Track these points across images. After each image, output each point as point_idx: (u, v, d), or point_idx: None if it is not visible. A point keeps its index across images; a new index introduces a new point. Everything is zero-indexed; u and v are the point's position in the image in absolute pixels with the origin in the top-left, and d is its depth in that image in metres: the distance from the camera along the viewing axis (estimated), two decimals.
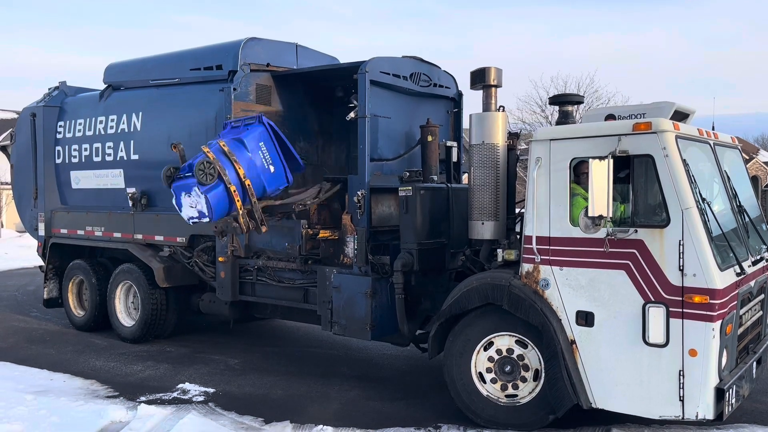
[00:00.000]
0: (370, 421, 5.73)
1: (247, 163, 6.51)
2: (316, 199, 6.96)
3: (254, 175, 6.57)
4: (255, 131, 6.62)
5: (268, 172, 6.65)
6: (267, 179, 6.67)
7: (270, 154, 6.66)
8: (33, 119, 9.75)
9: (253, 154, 6.54)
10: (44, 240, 9.84)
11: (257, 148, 6.60)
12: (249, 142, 6.55)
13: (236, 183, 6.44)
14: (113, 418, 5.67)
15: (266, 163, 6.64)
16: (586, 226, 4.94)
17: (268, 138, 6.67)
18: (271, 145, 6.67)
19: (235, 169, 6.41)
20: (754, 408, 5.90)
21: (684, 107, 5.66)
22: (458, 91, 8.08)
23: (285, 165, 6.77)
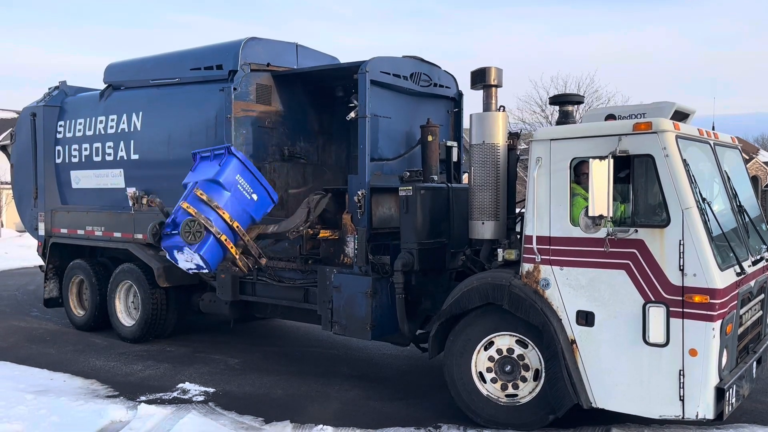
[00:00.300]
0: (371, 420, 5.73)
1: (230, 203, 6.40)
2: (307, 223, 6.72)
3: (239, 211, 6.48)
4: (228, 166, 6.41)
5: (252, 202, 6.54)
6: (253, 209, 6.57)
7: (249, 183, 6.51)
8: (33, 119, 9.75)
9: (232, 191, 6.42)
10: (44, 240, 9.85)
11: (235, 182, 6.44)
12: (225, 180, 6.39)
13: (225, 230, 6.36)
14: (113, 418, 5.68)
15: (248, 195, 6.51)
16: (587, 225, 4.94)
17: (242, 167, 6.50)
18: (247, 173, 6.51)
19: (220, 216, 6.32)
20: (754, 408, 5.91)
21: (684, 107, 5.66)
22: (458, 91, 8.09)
23: (266, 187, 6.65)
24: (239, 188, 6.45)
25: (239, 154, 6.51)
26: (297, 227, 6.71)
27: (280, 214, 7.59)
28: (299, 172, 7.93)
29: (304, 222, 6.68)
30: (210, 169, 6.45)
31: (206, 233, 6.27)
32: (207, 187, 6.38)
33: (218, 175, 6.35)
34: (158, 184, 8.36)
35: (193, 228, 6.22)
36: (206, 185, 6.38)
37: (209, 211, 6.35)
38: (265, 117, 7.74)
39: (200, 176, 6.48)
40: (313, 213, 6.71)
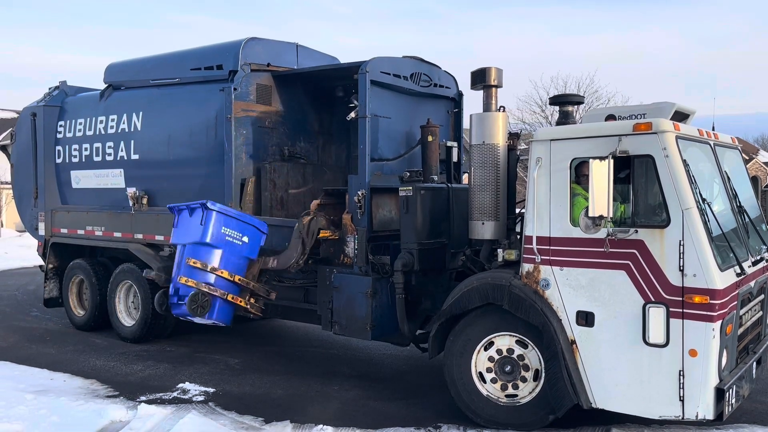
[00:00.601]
0: (370, 420, 5.73)
1: (225, 259, 6.40)
2: (305, 256, 6.65)
3: (237, 262, 6.52)
4: (210, 222, 6.36)
5: (245, 246, 6.54)
6: (248, 252, 6.60)
7: (236, 229, 6.49)
8: (33, 119, 9.75)
9: (224, 247, 6.42)
10: (44, 239, 9.85)
11: (223, 236, 6.42)
12: (213, 238, 6.37)
13: (228, 287, 6.46)
14: (113, 418, 5.67)
15: (239, 241, 6.51)
16: (587, 226, 4.94)
17: (224, 217, 6.46)
18: (230, 221, 6.48)
19: (220, 276, 6.36)
20: (754, 408, 5.91)
21: (684, 107, 5.66)
22: (458, 91, 8.09)
23: (252, 223, 6.64)
24: (229, 240, 6.44)
25: (216, 206, 6.45)
26: (297, 261, 6.64)
27: (280, 214, 7.60)
28: (299, 172, 7.93)
29: (301, 255, 6.61)
30: (194, 229, 6.39)
31: (212, 299, 6.37)
32: (197, 251, 6.39)
33: (204, 236, 6.33)
34: (158, 185, 8.37)
35: (199, 301, 6.31)
36: (196, 250, 6.39)
37: (208, 275, 6.40)
38: (266, 117, 7.74)
39: (186, 237, 6.46)
40: (307, 241, 6.61)
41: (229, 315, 6.67)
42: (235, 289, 6.56)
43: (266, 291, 6.78)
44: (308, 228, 6.61)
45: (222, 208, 6.51)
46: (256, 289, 6.69)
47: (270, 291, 6.80)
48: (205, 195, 7.81)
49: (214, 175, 7.64)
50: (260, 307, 6.79)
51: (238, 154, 7.45)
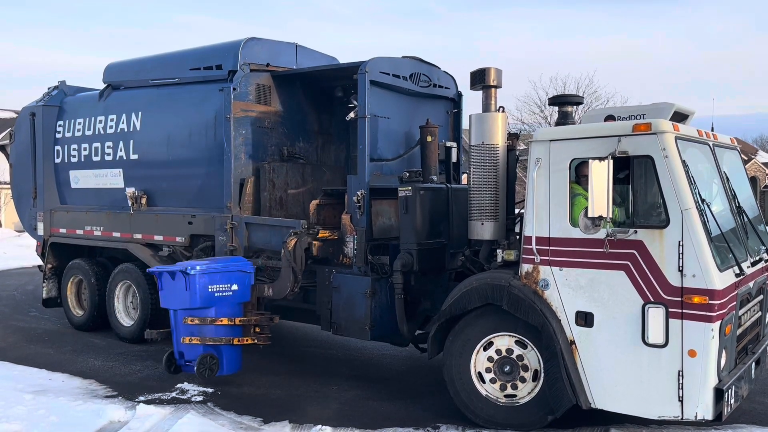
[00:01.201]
0: (369, 421, 5.73)
1: (220, 310, 6.38)
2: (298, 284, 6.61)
3: (233, 308, 6.46)
4: (195, 286, 6.27)
5: (235, 293, 6.47)
6: (240, 296, 6.53)
7: (223, 281, 6.40)
8: (32, 119, 9.74)
9: (215, 303, 6.36)
10: (43, 239, 9.84)
11: (211, 294, 6.34)
12: (203, 300, 6.31)
13: (231, 332, 6.44)
14: (112, 418, 5.67)
15: (228, 291, 6.43)
16: (586, 226, 4.94)
17: (207, 276, 6.33)
18: (215, 276, 6.37)
19: (220, 325, 6.37)
20: (753, 408, 5.91)
21: (683, 108, 5.66)
22: (458, 91, 8.09)
23: (237, 267, 6.54)
24: (219, 295, 6.38)
25: (197, 268, 6.29)
26: (292, 289, 6.60)
27: (279, 214, 7.59)
28: (298, 172, 7.93)
29: (294, 283, 6.57)
30: (180, 295, 6.36)
31: (218, 353, 6.38)
32: (191, 312, 6.35)
33: (193, 302, 6.30)
34: (157, 184, 8.37)
35: (207, 364, 6.31)
36: (189, 312, 6.36)
37: (207, 328, 6.38)
38: (265, 117, 7.74)
39: (175, 303, 6.44)
40: (297, 268, 6.52)
41: (239, 360, 6.69)
42: (239, 331, 6.54)
43: (269, 318, 6.74)
44: (294, 254, 6.50)
45: (203, 268, 6.34)
46: (258, 321, 6.67)
47: (273, 317, 6.77)
48: (204, 195, 7.84)
49: (213, 175, 7.64)
50: (267, 335, 6.75)
51: (237, 154, 7.45)
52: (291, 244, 6.52)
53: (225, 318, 6.39)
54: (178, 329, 6.48)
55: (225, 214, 7.48)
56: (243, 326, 6.56)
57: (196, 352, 6.37)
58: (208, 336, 6.36)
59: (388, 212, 6.86)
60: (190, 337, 6.36)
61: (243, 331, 6.56)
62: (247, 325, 6.60)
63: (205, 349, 6.39)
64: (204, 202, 7.85)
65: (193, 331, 6.38)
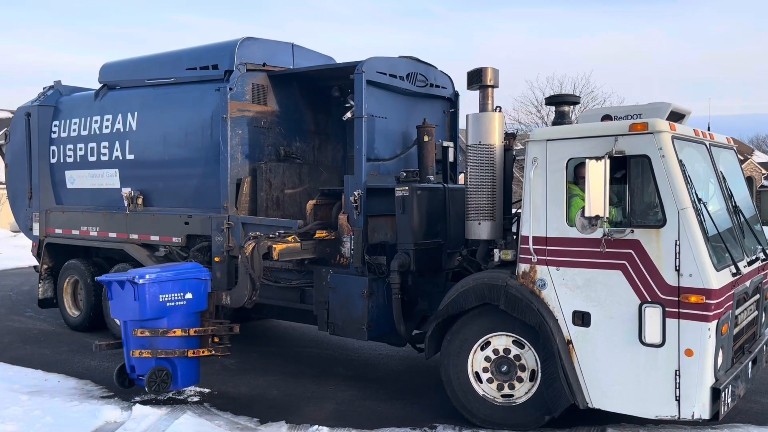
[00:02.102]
0: (366, 421, 5.72)
1: (173, 321, 6.04)
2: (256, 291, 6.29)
3: (187, 318, 6.13)
4: (144, 295, 5.93)
5: (190, 302, 6.15)
6: (195, 305, 6.20)
7: (176, 290, 6.06)
8: (28, 119, 9.71)
9: (167, 313, 6.02)
10: (39, 240, 9.81)
11: (162, 305, 6.00)
12: (153, 311, 5.96)
13: (186, 344, 6.10)
14: (108, 419, 5.65)
15: (182, 300, 6.09)
16: (583, 226, 4.94)
17: (157, 285, 5.99)
18: (166, 284, 6.03)
19: (174, 336, 6.02)
20: (750, 408, 5.92)
21: (680, 108, 5.67)
22: (455, 91, 8.09)
23: (192, 275, 6.19)
24: (171, 305, 6.05)
25: (146, 277, 5.97)
26: (250, 297, 6.31)
27: (276, 214, 7.58)
28: (295, 172, 7.92)
29: (252, 291, 6.28)
30: (130, 305, 6.01)
31: (172, 366, 6.02)
32: (141, 324, 6.03)
33: (143, 313, 5.97)
34: (154, 185, 8.35)
35: (158, 378, 5.94)
36: (139, 324, 6.03)
37: (159, 341, 6.02)
38: (261, 117, 7.73)
39: (124, 314, 6.12)
40: (255, 275, 6.24)
41: (195, 373, 6.32)
42: (194, 342, 6.18)
43: (228, 328, 6.35)
44: (252, 260, 6.19)
45: (153, 276, 5.99)
46: (214, 331, 6.28)
47: (233, 326, 6.36)
48: (200, 195, 7.82)
49: (210, 176, 7.62)
50: (226, 345, 6.38)
51: (234, 154, 7.44)
52: (248, 249, 6.21)
53: (178, 329, 6.03)
54: (128, 342, 6.13)
55: (221, 214, 7.47)
56: (199, 337, 6.21)
57: (148, 366, 6.03)
58: (160, 348, 6.01)
59: (384, 228, 6.80)
60: (141, 350, 6.01)
61: (200, 341, 6.22)
62: (204, 336, 6.24)
63: (158, 363, 6.04)
64: (200, 203, 7.84)
65: (144, 344, 6.03)
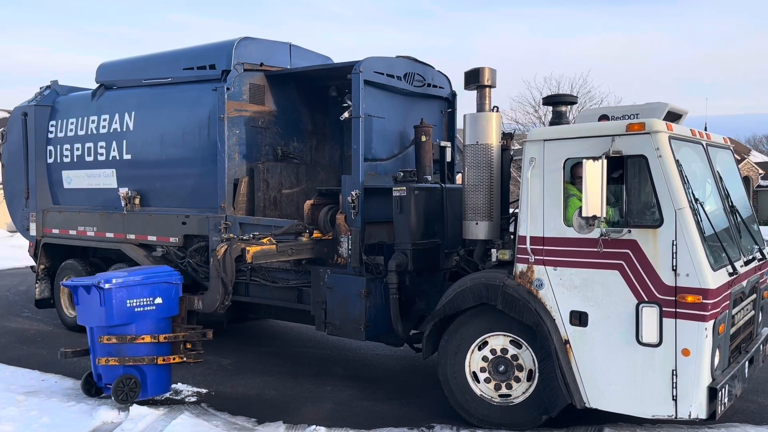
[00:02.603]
0: (364, 421, 5.72)
1: (142, 327, 5.79)
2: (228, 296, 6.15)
3: (157, 324, 5.90)
4: (111, 301, 5.67)
5: (159, 307, 5.90)
6: (165, 310, 5.96)
7: (144, 295, 5.82)
8: (24, 118, 9.70)
9: (135, 319, 5.77)
10: (36, 240, 9.79)
11: (130, 310, 5.73)
12: (120, 316, 5.70)
13: (155, 350, 5.85)
14: (105, 419, 5.64)
15: (151, 305, 5.85)
16: (580, 226, 4.95)
17: (125, 290, 5.74)
18: (134, 289, 5.77)
19: (142, 343, 5.78)
20: (746, 407, 5.93)
21: (677, 108, 5.68)
22: (452, 91, 8.09)
23: (162, 279, 5.95)
24: (139, 311, 5.80)
25: (112, 281, 5.71)
26: (222, 302, 6.12)
27: (273, 214, 7.58)
28: (293, 172, 7.91)
29: (225, 296, 6.11)
30: (96, 311, 5.76)
31: (140, 374, 5.78)
32: (108, 330, 5.77)
33: (109, 319, 5.71)
34: (151, 185, 8.34)
35: (125, 387, 5.69)
36: (106, 330, 5.78)
37: (127, 347, 5.77)
38: (259, 117, 7.72)
39: (91, 320, 5.90)
40: (228, 279, 6.04)
41: (166, 381, 6.08)
42: (165, 349, 5.95)
43: (201, 333, 6.08)
44: (224, 263, 5.97)
45: (120, 281, 5.74)
46: (186, 337, 6.03)
47: (206, 331, 6.09)
48: (198, 195, 7.81)
49: (207, 175, 7.62)
50: (199, 351, 6.13)
51: (231, 154, 7.43)
52: (220, 253, 5.99)
53: (147, 335, 5.80)
54: (95, 349, 5.91)
55: (219, 214, 7.46)
56: (170, 343, 6.00)
57: (115, 374, 5.78)
58: (128, 356, 5.76)
59: (380, 233, 6.80)
60: (108, 358, 5.76)
61: (171, 348, 6.00)
62: (176, 342, 6.02)
63: (126, 371, 5.79)
64: (198, 203, 7.83)
65: (111, 351, 5.77)
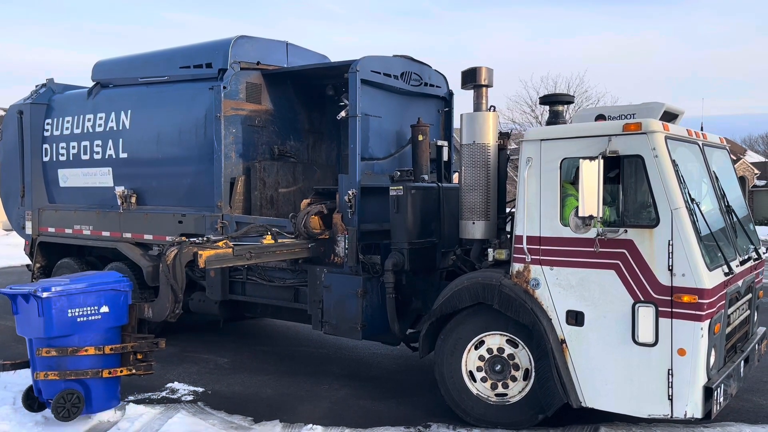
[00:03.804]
0: (360, 420, 5.72)
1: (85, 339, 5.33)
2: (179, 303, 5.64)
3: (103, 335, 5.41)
4: (51, 310, 5.18)
5: (105, 316, 5.42)
6: (113, 320, 5.48)
7: (86, 303, 5.33)
8: (20, 117, 9.66)
9: (78, 330, 5.29)
10: (32, 239, 9.77)
11: (72, 320, 5.25)
12: (60, 328, 5.23)
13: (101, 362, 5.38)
14: (101, 418, 5.63)
15: (96, 314, 5.38)
16: (577, 226, 4.96)
17: (65, 298, 5.26)
18: (75, 297, 5.29)
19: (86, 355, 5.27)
20: (741, 406, 5.95)
21: (673, 108, 5.69)
22: (449, 90, 8.10)
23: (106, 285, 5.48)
24: (82, 320, 5.31)
25: (51, 290, 5.23)
26: (172, 310, 5.62)
27: (270, 213, 7.57)
28: (289, 171, 7.91)
29: (174, 304, 5.61)
30: (34, 321, 5.25)
31: (84, 388, 5.32)
32: (48, 342, 5.28)
33: (48, 329, 5.19)
34: (147, 183, 8.32)
35: (67, 403, 5.20)
36: (45, 342, 5.28)
37: (69, 360, 5.26)
38: (255, 116, 7.71)
39: (29, 331, 5.39)
40: (177, 286, 5.59)
41: (114, 394, 5.61)
42: (111, 361, 5.46)
43: (151, 344, 5.61)
44: (174, 269, 5.54)
45: (60, 289, 5.24)
46: (135, 348, 5.55)
47: (158, 341, 5.64)
48: (194, 194, 7.80)
49: (204, 174, 7.61)
50: (150, 363, 5.67)
51: (228, 152, 7.42)
52: (170, 257, 5.56)
53: (91, 347, 5.32)
54: (34, 362, 5.40)
55: (215, 213, 7.46)
56: (119, 354, 5.52)
57: (56, 389, 5.27)
58: (69, 369, 5.25)
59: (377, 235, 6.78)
60: (47, 372, 5.24)
61: (120, 359, 5.53)
62: (124, 353, 5.55)
63: (67, 385, 5.29)
64: (194, 201, 7.82)
65: (51, 365, 5.25)
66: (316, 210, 6.64)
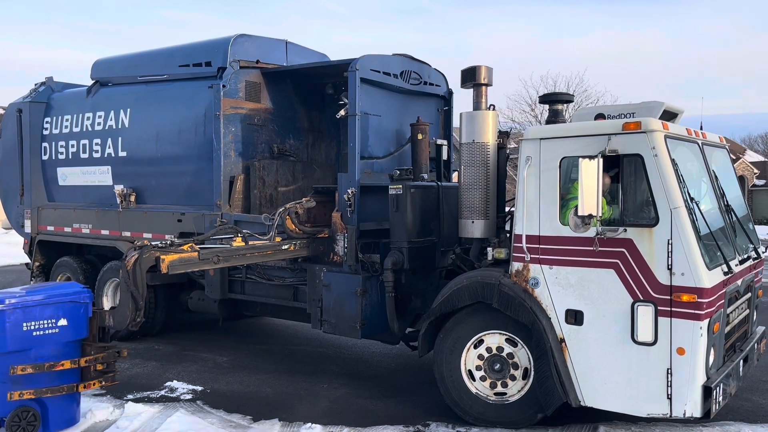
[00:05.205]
0: (359, 419, 5.72)
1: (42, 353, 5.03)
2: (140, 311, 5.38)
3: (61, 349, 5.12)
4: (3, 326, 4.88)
5: (64, 329, 5.13)
6: (72, 333, 5.18)
7: (43, 316, 5.04)
8: (19, 115, 9.65)
9: (34, 345, 5.00)
10: (31, 237, 9.75)
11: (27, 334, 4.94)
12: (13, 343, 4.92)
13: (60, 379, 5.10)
14: (100, 417, 5.63)
15: (54, 328, 5.09)
16: (576, 225, 4.95)
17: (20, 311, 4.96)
18: (31, 310, 5.00)
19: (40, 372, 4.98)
20: (740, 406, 5.95)
21: (673, 107, 5.69)
22: (449, 89, 8.09)
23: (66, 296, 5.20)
24: (39, 333, 5.01)
25: (3, 302, 4.94)
26: (134, 318, 5.34)
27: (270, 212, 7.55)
28: (288, 169, 7.90)
29: (136, 311, 5.33)
30: None
31: (40, 405, 5.03)
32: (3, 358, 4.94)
33: (2, 344, 4.90)
34: (146, 182, 8.32)
35: (23, 420, 4.91)
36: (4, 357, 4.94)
37: (23, 377, 4.94)
38: (255, 114, 7.71)
39: None
40: (138, 293, 5.31)
41: (72, 412, 5.34)
42: (71, 376, 5.17)
43: (114, 354, 5.34)
44: (134, 276, 5.24)
45: (14, 302, 4.95)
46: (98, 360, 5.27)
47: (120, 350, 5.39)
48: (193, 192, 7.80)
49: (203, 173, 7.60)
50: (114, 373, 5.39)
51: (227, 151, 7.42)
52: (130, 263, 5.28)
53: (47, 362, 5.02)
54: None
55: (215, 211, 7.45)
56: (78, 368, 5.22)
57: (10, 407, 4.94)
58: (25, 387, 4.93)
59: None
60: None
61: (81, 374, 5.24)
62: (85, 366, 5.24)
63: (22, 403, 4.98)
64: (193, 200, 7.82)
65: (5, 382, 4.92)
66: (292, 211, 6.42)
